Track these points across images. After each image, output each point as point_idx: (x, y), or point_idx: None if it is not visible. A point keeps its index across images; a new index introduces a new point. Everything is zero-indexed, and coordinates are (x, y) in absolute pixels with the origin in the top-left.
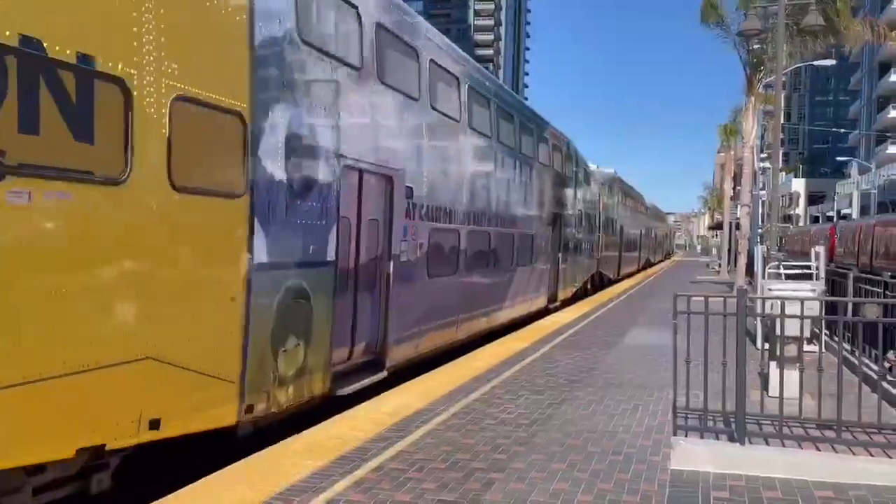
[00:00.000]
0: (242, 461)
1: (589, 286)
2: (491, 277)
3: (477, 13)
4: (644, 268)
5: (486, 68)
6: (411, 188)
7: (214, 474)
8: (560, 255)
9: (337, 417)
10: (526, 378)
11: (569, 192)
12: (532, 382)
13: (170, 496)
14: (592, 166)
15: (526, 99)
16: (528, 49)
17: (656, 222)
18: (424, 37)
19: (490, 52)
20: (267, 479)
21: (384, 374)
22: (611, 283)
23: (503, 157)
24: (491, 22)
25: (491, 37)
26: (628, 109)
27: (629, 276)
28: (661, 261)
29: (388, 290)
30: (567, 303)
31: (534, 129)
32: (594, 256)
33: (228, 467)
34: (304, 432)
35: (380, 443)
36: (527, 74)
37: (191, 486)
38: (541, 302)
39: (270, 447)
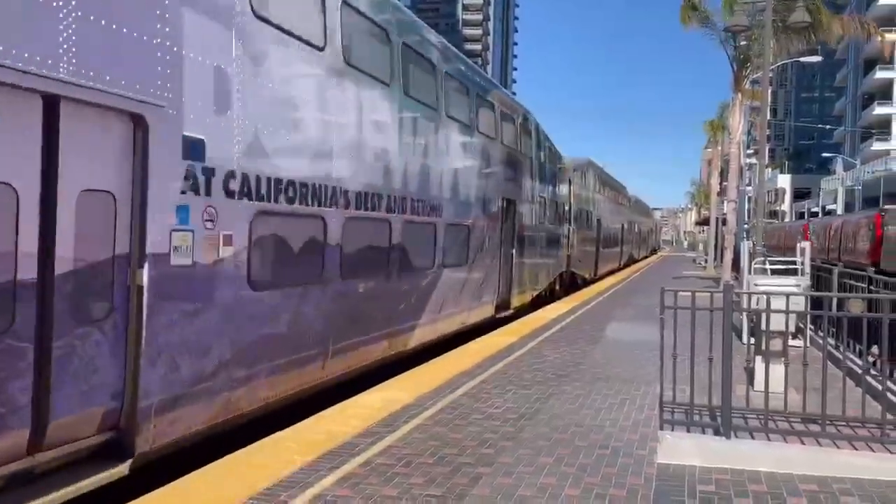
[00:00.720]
0: (230, 456)
1: (557, 287)
2: (395, 285)
3: (465, 7)
4: (626, 265)
5: (475, 63)
6: (202, 142)
7: (201, 469)
8: (514, 251)
9: (325, 412)
10: (514, 373)
11: (527, 174)
12: (520, 377)
13: (155, 492)
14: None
15: (514, 94)
16: (516, 44)
17: (640, 216)
18: None
19: (478, 46)
20: (255, 474)
21: (124, 469)
22: (586, 283)
23: (415, 117)
24: (479, 16)
25: (479, 31)
26: (617, 105)
27: (609, 274)
28: (646, 257)
29: (140, 313)
30: (526, 310)
31: (470, 89)
32: (563, 253)
33: (216, 462)
34: (293, 427)
35: (368, 438)
36: (515, 70)
37: (177, 481)
38: (484, 311)
39: (258, 442)
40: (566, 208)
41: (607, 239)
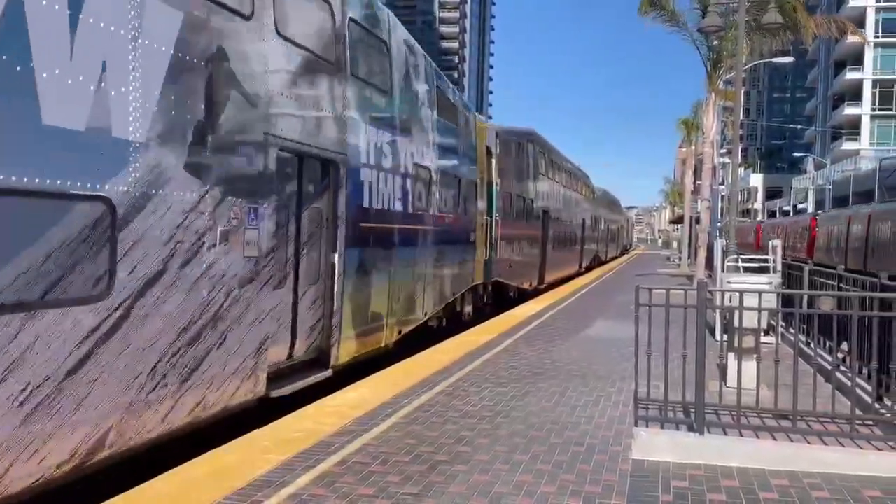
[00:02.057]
0: (205, 455)
1: (468, 309)
2: None
3: (442, 5)
4: (590, 267)
5: (451, 61)
6: None
7: (174, 469)
8: (344, 258)
9: (301, 410)
10: (490, 370)
11: (382, 123)
12: (496, 375)
13: (128, 492)
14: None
15: (491, 93)
16: (493, 42)
17: (608, 211)
18: None
19: (455, 45)
20: (230, 473)
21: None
22: (526, 296)
23: None
24: (456, 14)
25: (456, 29)
26: (593, 103)
27: (565, 281)
28: (616, 257)
29: None
30: (387, 358)
31: None
32: (477, 257)
33: (189, 462)
34: (269, 426)
35: (344, 436)
36: (492, 67)
37: (151, 480)
38: (217, 400)
39: (234, 441)
40: (485, 190)
41: (560, 237)
